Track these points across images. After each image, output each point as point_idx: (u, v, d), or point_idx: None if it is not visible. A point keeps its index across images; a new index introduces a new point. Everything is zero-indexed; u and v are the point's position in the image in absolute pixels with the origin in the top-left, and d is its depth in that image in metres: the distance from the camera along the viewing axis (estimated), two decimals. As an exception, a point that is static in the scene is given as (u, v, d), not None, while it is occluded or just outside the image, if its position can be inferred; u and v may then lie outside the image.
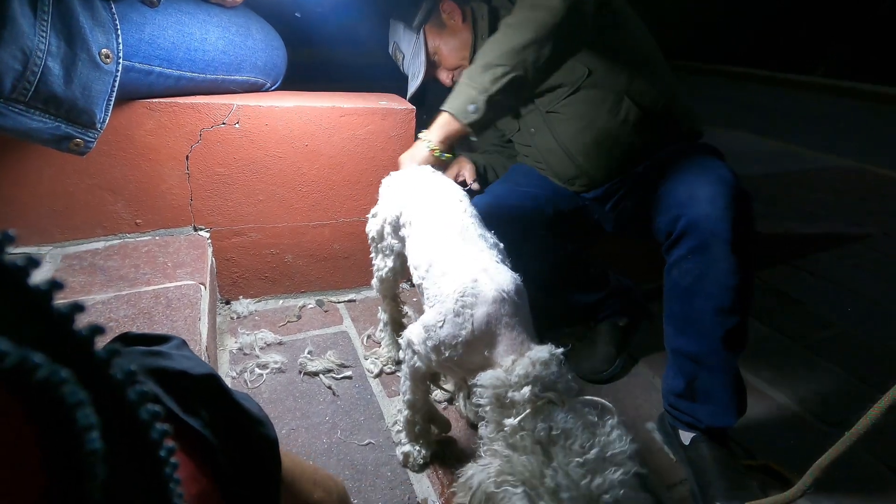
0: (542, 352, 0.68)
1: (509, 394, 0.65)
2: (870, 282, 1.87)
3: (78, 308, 0.23)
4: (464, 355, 0.75)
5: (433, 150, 1.03)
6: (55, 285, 0.22)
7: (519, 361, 0.68)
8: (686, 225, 0.94)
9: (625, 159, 1.16)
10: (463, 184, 1.27)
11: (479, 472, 0.63)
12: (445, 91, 1.07)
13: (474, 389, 0.70)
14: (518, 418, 0.63)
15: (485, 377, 0.69)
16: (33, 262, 0.21)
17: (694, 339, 0.97)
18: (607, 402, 0.67)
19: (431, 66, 1.32)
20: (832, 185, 2.89)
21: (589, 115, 1.14)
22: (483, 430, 0.70)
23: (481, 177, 1.36)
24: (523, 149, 1.34)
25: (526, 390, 0.64)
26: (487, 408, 0.68)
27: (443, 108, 1.00)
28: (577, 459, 0.58)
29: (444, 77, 1.33)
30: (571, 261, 1.30)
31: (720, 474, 0.94)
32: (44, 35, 0.85)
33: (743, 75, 7.35)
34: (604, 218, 1.27)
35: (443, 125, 1.01)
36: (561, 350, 0.70)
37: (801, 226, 2.26)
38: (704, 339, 0.96)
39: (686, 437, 1.02)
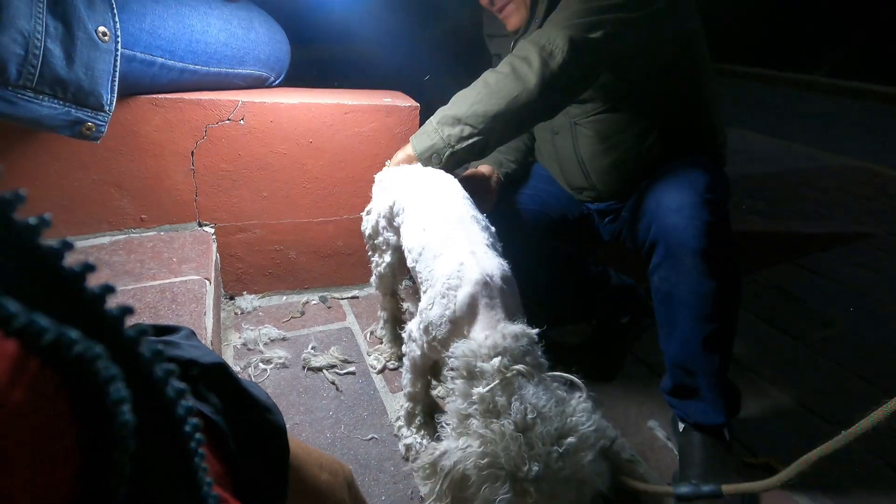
0: (514, 326, 0.70)
1: (479, 364, 0.66)
2: (872, 281, 1.87)
3: (109, 289, 0.24)
4: (448, 334, 0.77)
5: None
6: (88, 267, 0.23)
7: (491, 335, 0.69)
8: (656, 234, 0.96)
9: (637, 183, 1.14)
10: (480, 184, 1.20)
11: (456, 452, 0.62)
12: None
13: (447, 359, 0.71)
14: (487, 387, 0.63)
15: (457, 347, 0.70)
16: (68, 245, 0.22)
17: (676, 344, 0.98)
18: (576, 378, 0.69)
19: None
20: (835, 185, 2.88)
21: (613, 137, 1.12)
22: (452, 404, 0.68)
23: (505, 176, 1.26)
24: (542, 141, 1.32)
25: (496, 361, 0.65)
26: (457, 380, 0.68)
27: (412, 139, 1.03)
28: (557, 448, 0.59)
29: None
30: (574, 260, 1.31)
31: (703, 459, 0.96)
32: (40, 17, 0.86)
33: (746, 74, 7.33)
34: (602, 228, 1.28)
35: (405, 161, 1.05)
36: (536, 330, 0.71)
37: (804, 224, 2.26)
38: (685, 345, 0.97)
39: (682, 425, 1.04)
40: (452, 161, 1.01)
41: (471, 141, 0.98)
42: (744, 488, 0.68)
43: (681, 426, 1.04)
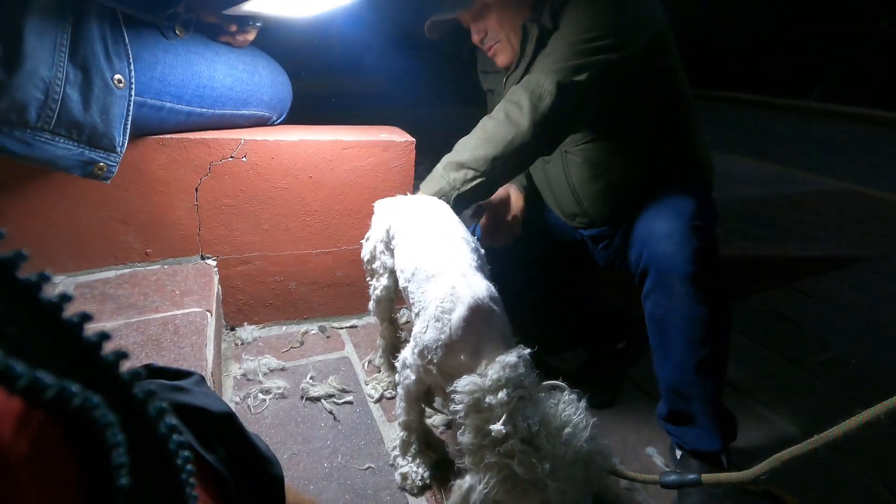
0: (510, 356, 0.73)
1: (487, 398, 0.69)
2: (868, 303, 1.88)
3: (105, 337, 0.26)
4: (443, 359, 0.78)
5: None
6: (85, 317, 0.25)
7: (491, 366, 0.72)
8: (647, 261, 0.99)
9: (628, 209, 1.17)
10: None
11: (479, 487, 0.65)
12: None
13: (452, 396, 0.73)
14: (501, 422, 0.66)
15: (462, 383, 0.72)
16: (66, 298, 0.25)
17: (670, 369, 1.00)
18: (560, 382, 0.77)
19: (476, 12, 1.16)
20: (830, 208, 2.92)
21: (603, 164, 1.16)
22: (463, 438, 0.71)
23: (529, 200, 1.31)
24: (534, 169, 1.36)
25: (503, 395, 0.68)
26: (462, 413, 0.70)
27: (422, 186, 1.09)
28: (559, 441, 0.67)
29: (476, 31, 1.17)
30: (569, 286, 1.33)
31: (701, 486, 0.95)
32: (61, 65, 0.91)
33: (740, 100, 7.48)
34: (597, 254, 1.31)
35: None
36: (528, 351, 0.75)
37: (800, 248, 2.28)
38: (679, 369, 0.98)
39: (679, 451, 1.04)
40: (461, 202, 1.06)
41: (475, 183, 1.04)
42: (722, 478, 0.75)
43: (678, 453, 1.04)
